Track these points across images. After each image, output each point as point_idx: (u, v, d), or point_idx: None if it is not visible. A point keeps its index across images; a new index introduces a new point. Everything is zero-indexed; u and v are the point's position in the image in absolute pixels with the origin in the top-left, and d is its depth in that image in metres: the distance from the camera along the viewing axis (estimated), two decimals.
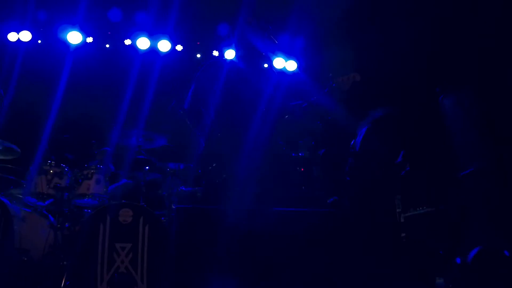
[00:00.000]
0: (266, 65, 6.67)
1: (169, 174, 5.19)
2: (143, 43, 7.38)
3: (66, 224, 4.85)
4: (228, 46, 7.08)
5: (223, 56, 6.63)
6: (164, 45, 7.43)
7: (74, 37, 7.03)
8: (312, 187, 5.43)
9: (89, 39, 7.58)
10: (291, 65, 6.80)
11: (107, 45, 7.90)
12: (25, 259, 4.73)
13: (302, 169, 5.42)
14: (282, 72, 6.26)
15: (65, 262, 4.65)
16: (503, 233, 4.46)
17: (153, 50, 7.45)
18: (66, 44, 7.09)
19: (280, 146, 4.55)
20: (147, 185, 5.10)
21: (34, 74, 7.17)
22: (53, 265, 4.73)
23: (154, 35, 7.46)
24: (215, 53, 7.90)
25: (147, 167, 5.18)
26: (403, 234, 4.85)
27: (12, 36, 7.14)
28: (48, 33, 7.50)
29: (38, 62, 7.34)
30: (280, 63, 6.66)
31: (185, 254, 3.66)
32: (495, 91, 5.05)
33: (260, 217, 3.74)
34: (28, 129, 6.12)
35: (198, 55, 7.89)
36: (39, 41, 7.56)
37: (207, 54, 7.93)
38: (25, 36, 7.14)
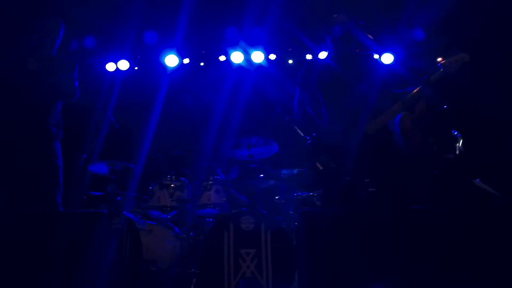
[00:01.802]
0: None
1: (284, 180, 5.29)
2: (237, 57, 7.55)
3: (191, 233, 5.07)
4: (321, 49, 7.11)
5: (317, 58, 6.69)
6: (257, 56, 7.56)
7: (171, 60, 7.38)
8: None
9: (186, 60, 7.75)
10: (387, 58, 6.65)
11: (202, 63, 8.10)
12: (154, 269, 5.00)
13: None
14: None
15: (192, 270, 4.87)
16: None
17: (245, 63, 7.60)
18: (163, 67, 7.44)
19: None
20: (263, 192, 5.23)
21: (134, 98, 7.50)
22: (180, 274, 4.96)
23: (247, 48, 7.62)
24: (308, 56, 7.89)
25: (261, 175, 5.31)
26: None
27: (110, 67, 7.50)
28: (144, 59, 7.79)
29: (138, 87, 7.66)
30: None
31: (316, 258, 3.61)
32: None
33: (392, 217, 3.63)
34: (145, 149, 6.50)
35: (290, 61, 7.93)
36: (136, 68, 7.81)
37: (300, 59, 7.94)
38: (123, 65, 7.48)
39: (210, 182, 5.28)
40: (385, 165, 4.14)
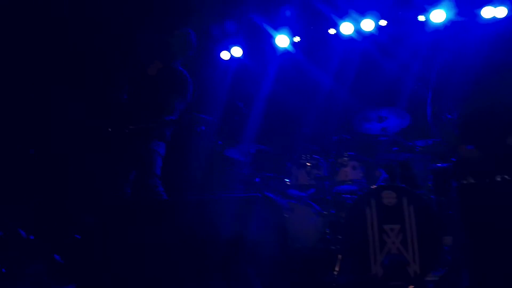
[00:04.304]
0: None
1: (419, 152, 5.21)
2: (346, 28, 7.32)
3: (332, 210, 5.21)
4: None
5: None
6: (368, 24, 7.27)
7: (282, 41, 7.37)
8: None
9: (296, 39, 7.62)
10: (501, 12, 6.11)
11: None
12: (299, 246, 5.22)
13: None
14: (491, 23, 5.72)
15: (337, 246, 5.02)
16: None
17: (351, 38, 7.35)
18: (274, 48, 7.45)
19: None
20: (400, 165, 5.20)
21: (251, 82, 7.63)
22: (324, 250, 5.14)
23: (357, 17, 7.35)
24: (421, 18, 7.44)
25: (395, 148, 5.28)
26: None
27: (225, 55, 7.62)
28: (256, 43, 7.73)
29: (253, 72, 7.75)
30: (489, 12, 6.05)
31: (474, 231, 3.50)
32: None
33: None
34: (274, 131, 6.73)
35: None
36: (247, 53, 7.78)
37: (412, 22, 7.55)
38: (237, 51, 7.57)
39: (346, 159, 5.35)
40: None
